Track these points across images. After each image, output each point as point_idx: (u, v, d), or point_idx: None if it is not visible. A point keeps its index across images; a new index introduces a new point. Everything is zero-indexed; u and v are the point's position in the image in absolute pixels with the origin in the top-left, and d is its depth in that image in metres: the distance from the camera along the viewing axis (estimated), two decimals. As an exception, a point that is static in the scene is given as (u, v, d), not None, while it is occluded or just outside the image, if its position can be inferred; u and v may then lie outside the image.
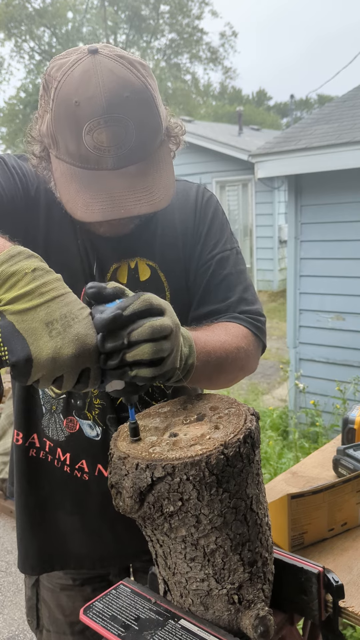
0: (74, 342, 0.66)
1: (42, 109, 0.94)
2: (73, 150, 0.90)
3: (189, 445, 0.75)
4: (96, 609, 0.84)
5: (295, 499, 1.07)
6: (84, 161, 0.90)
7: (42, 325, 0.65)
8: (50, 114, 0.91)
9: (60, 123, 0.90)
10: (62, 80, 0.89)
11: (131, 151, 0.91)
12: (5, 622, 2.68)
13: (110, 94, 0.88)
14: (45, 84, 0.93)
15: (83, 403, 1.11)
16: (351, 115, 4.57)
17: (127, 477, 0.73)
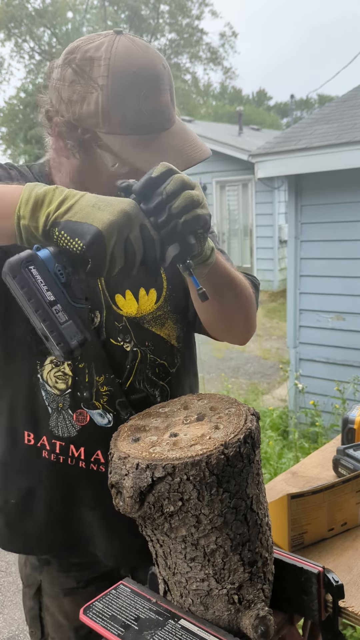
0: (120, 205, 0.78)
1: (78, 94, 0.97)
2: (131, 119, 0.97)
3: (189, 445, 0.75)
4: (96, 609, 0.84)
5: (295, 499, 1.07)
6: (141, 127, 0.98)
7: (90, 208, 0.78)
8: (101, 91, 0.96)
9: (118, 96, 0.96)
10: (112, 57, 0.96)
11: (171, 112, 1.02)
12: (5, 622, 2.68)
13: (154, 63, 0.99)
14: (78, 69, 0.97)
15: (90, 393, 1.11)
16: (351, 115, 4.57)
17: (127, 477, 0.73)
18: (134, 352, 1.12)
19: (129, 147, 0.98)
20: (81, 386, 1.11)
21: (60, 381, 1.11)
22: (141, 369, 1.13)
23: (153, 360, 1.14)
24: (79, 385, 1.11)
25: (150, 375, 1.15)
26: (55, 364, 1.10)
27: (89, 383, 1.11)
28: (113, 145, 0.98)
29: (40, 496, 1.17)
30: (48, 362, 1.10)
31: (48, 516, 1.18)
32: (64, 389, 1.11)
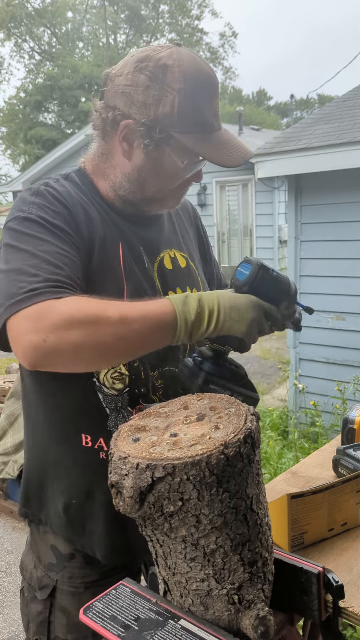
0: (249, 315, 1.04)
1: (152, 97, 1.07)
2: (200, 120, 1.09)
3: (189, 445, 0.75)
4: (96, 609, 0.84)
5: (295, 499, 1.07)
6: (206, 127, 1.11)
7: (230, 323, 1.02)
8: (177, 94, 1.06)
9: (191, 99, 1.07)
10: (183, 64, 1.08)
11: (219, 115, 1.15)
12: (5, 622, 2.68)
13: (211, 71, 1.12)
14: (152, 75, 1.07)
15: (146, 389, 1.18)
16: (351, 115, 4.57)
17: (127, 477, 0.73)
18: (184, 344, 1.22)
19: (200, 144, 1.10)
20: (138, 383, 1.17)
21: (118, 381, 1.16)
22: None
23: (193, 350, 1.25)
24: (136, 382, 1.17)
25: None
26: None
27: (145, 379, 1.17)
28: (187, 142, 1.09)
29: (99, 497, 1.19)
30: None
31: (106, 517, 1.19)
32: (121, 388, 1.16)
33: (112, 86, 1.12)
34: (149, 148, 1.11)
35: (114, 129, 1.12)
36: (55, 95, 24.96)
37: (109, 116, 1.12)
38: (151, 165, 1.13)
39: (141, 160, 1.13)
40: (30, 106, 25.23)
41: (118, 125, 1.11)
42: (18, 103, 26.22)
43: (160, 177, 1.15)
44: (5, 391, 4.10)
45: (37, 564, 1.28)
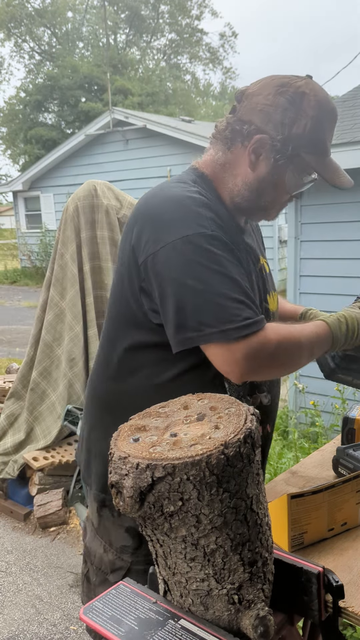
0: None
1: (289, 118, 1.22)
2: (322, 144, 1.25)
3: (190, 445, 0.75)
4: (96, 609, 0.84)
5: (295, 499, 1.07)
6: (325, 151, 1.26)
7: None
8: (309, 120, 1.21)
9: (320, 125, 1.23)
10: (318, 95, 1.23)
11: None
12: (5, 622, 2.68)
13: (334, 104, 1.27)
14: (291, 100, 1.21)
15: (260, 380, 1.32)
16: (351, 115, 4.57)
17: (127, 477, 0.73)
18: None
19: (321, 165, 1.25)
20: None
21: None
22: None
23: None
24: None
25: None
26: None
27: None
28: (310, 162, 1.24)
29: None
30: None
31: None
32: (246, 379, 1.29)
33: (249, 103, 1.24)
34: (278, 162, 1.24)
35: (246, 141, 1.25)
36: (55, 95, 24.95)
37: (243, 129, 1.24)
38: (272, 178, 1.26)
39: (265, 172, 1.26)
40: (30, 106, 25.22)
41: (250, 138, 1.23)
42: (18, 103, 26.21)
43: (276, 189, 1.28)
44: (5, 391, 4.10)
45: (107, 549, 1.34)
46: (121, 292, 1.28)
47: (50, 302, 3.53)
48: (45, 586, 2.93)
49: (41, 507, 3.40)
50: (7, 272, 16.09)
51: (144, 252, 1.17)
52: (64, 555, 3.16)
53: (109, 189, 3.58)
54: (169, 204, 1.18)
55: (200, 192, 1.22)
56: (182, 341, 1.14)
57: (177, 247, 1.12)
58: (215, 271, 1.12)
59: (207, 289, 1.11)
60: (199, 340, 1.13)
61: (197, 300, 1.11)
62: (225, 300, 1.11)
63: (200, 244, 1.13)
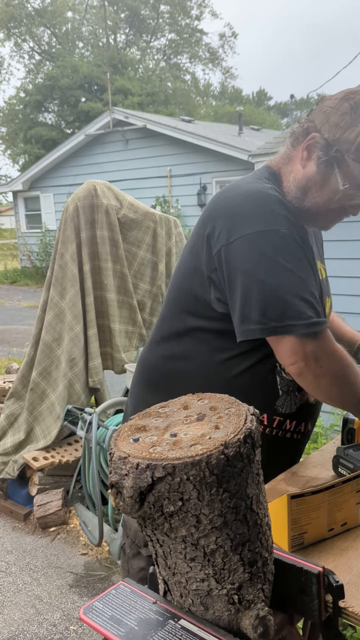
0: None
1: (345, 122, 1.23)
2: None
3: (190, 445, 0.75)
4: (96, 609, 0.84)
5: (295, 499, 1.07)
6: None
7: None
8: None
9: None
10: None
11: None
12: (5, 622, 2.68)
13: None
14: (354, 106, 1.23)
15: None
16: (351, 115, 4.57)
17: (127, 477, 0.73)
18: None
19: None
20: None
21: None
22: None
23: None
24: None
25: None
26: None
27: None
28: (354, 169, 1.23)
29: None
30: None
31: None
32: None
33: (320, 106, 1.29)
34: (321, 160, 1.25)
35: (304, 137, 1.28)
36: (55, 95, 24.96)
37: (305, 127, 1.29)
38: (318, 178, 1.27)
39: (312, 171, 1.27)
40: (30, 106, 25.22)
41: (307, 135, 1.27)
42: (18, 103, 26.21)
43: (322, 191, 1.28)
44: (5, 391, 4.10)
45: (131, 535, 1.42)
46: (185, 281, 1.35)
47: (50, 302, 3.53)
48: (45, 586, 2.93)
49: (41, 507, 3.40)
50: (7, 272, 16.09)
51: (218, 242, 1.22)
52: (64, 555, 3.16)
53: (109, 189, 3.58)
54: (247, 198, 1.25)
55: (274, 188, 1.29)
56: (245, 332, 1.20)
57: (252, 240, 1.18)
58: (286, 269, 1.18)
59: (276, 284, 1.17)
60: (262, 332, 1.19)
61: (265, 295, 1.17)
62: (293, 297, 1.16)
63: (275, 240, 1.19)
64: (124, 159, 12.96)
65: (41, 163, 14.39)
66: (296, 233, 1.25)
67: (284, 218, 1.22)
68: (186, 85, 29.96)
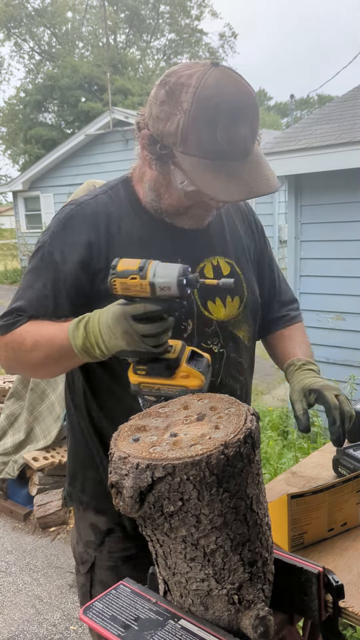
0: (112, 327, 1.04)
1: (164, 113, 1.08)
2: (206, 145, 1.06)
3: (190, 445, 0.75)
4: (96, 609, 0.84)
5: (295, 499, 1.07)
6: (215, 154, 1.06)
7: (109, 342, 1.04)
8: (184, 115, 1.05)
9: (197, 122, 1.05)
10: (200, 86, 1.05)
11: (249, 144, 1.09)
12: (5, 622, 2.68)
13: (240, 98, 1.06)
14: (169, 91, 1.07)
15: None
16: (351, 115, 4.57)
17: (127, 477, 0.73)
18: (221, 353, 1.27)
19: (198, 169, 1.07)
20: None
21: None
22: (226, 367, 1.28)
23: (234, 358, 1.30)
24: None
25: (233, 373, 1.30)
26: None
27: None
28: (184, 165, 1.08)
29: None
30: None
31: None
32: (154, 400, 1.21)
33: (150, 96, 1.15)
34: (153, 159, 1.13)
35: (139, 135, 1.16)
36: (55, 95, 24.95)
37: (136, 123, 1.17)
38: (161, 178, 1.16)
39: (155, 171, 1.16)
40: (30, 106, 25.21)
41: (140, 132, 1.15)
42: (18, 103, 26.20)
43: (170, 191, 1.16)
44: (5, 391, 4.10)
45: (79, 540, 1.39)
46: None
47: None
48: (45, 586, 2.92)
49: (41, 507, 3.40)
50: (7, 272, 16.09)
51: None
52: (64, 555, 3.16)
53: (109, 189, 3.57)
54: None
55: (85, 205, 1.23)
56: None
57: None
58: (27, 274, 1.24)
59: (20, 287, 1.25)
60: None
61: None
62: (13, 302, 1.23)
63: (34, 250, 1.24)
64: (124, 159, 12.93)
65: (41, 163, 14.38)
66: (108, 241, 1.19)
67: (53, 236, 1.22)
68: (186, 85, 29.92)
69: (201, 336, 1.24)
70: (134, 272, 0.97)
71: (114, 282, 0.99)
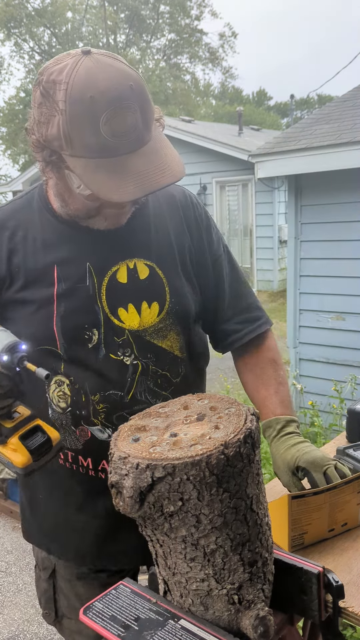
0: None
1: (44, 116, 0.99)
2: (92, 143, 0.96)
3: (190, 445, 0.75)
4: (96, 609, 0.84)
5: (296, 499, 1.07)
6: (104, 151, 0.96)
7: None
8: (62, 115, 0.96)
9: (76, 120, 0.95)
10: (70, 81, 0.95)
11: (141, 133, 0.99)
12: (5, 622, 2.67)
13: (118, 84, 0.95)
14: (44, 92, 0.98)
15: (87, 412, 1.15)
16: (351, 115, 4.57)
17: (127, 477, 0.73)
18: (134, 365, 1.15)
19: (90, 171, 0.97)
20: (79, 405, 1.15)
21: (62, 400, 1.16)
22: (142, 381, 1.16)
23: (155, 371, 1.17)
24: (77, 404, 1.15)
25: (152, 387, 1.17)
26: (58, 384, 1.15)
27: (85, 402, 1.14)
28: (75, 168, 0.99)
29: (59, 497, 1.23)
30: (53, 382, 1.16)
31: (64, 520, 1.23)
32: (65, 407, 1.16)
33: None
34: (46, 168, 1.05)
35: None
36: (55, 96, 24.94)
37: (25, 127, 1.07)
38: (61, 185, 1.07)
39: (54, 178, 1.07)
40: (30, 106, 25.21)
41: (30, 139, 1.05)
42: (18, 103, 26.20)
43: (73, 197, 1.07)
44: (5, 391, 4.10)
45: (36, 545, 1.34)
46: None
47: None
48: (45, 586, 2.92)
49: (41, 507, 3.40)
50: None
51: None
52: (64, 555, 3.17)
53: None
54: None
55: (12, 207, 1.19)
56: None
57: None
58: None
59: None
60: None
61: None
62: None
63: None
64: (124, 159, 12.94)
65: (41, 163, 14.39)
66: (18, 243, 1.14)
67: None
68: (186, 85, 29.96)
69: (109, 347, 1.13)
70: None
71: None
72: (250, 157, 4.79)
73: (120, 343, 1.14)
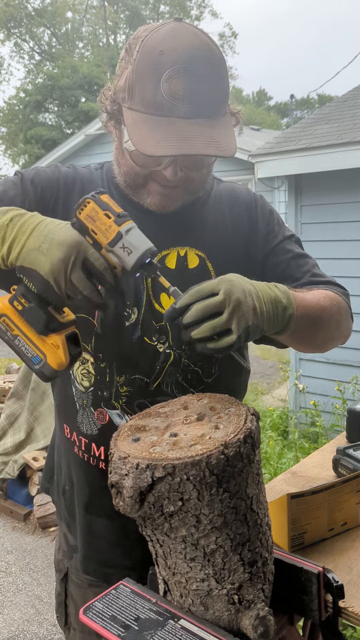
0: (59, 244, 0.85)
1: (120, 69, 1.01)
2: (148, 98, 0.95)
3: (189, 445, 0.75)
4: (96, 609, 0.84)
5: (295, 498, 1.07)
6: (158, 108, 0.95)
7: (35, 252, 0.86)
8: (132, 66, 0.96)
9: (141, 72, 0.95)
10: (149, 36, 0.96)
11: (201, 105, 0.96)
12: (5, 622, 2.68)
13: (192, 49, 0.94)
14: (128, 47, 1.00)
15: (110, 393, 1.11)
16: (351, 115, 4.57)
17: (127, 477, 0.73)
18: (167, 354, 1.10)
19: (137, 124, 0.96)
20: (102, 385, 1.11)
21: (85, 379, 1.13)
22: (171, 372, 1.11)
23: (187, 365, 1.12)
24: (100, 384, 1.11)
25: (180, 380, 1.12)
26: (82, 362, 1.12)
27: (109, 382, 1.11)
28: (126, 120, 0.98)
29: (77, 491, 1.21)
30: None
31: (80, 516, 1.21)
32: (87, 386, 1.13)
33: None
34: (108, 123, 1.05)
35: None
36: (55, 95, 24.96)
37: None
38: (117, 143, 1.06)
39: (114, 135, 1.06)
40: (30, 106, 25.22)
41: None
42: (18, 103, 26.21)
43: (124, 157, 1.04)
44: (5, 391, 4.10)
45: (60, 547, 1.33)
46: None
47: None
48: (45, 586, 2.92)
49: (41, 507, 3.40)
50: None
51: None
52: (64, 555, 3.17)
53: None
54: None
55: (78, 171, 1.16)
56: None
57: None
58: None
59: None
60: None
61: None
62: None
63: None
64: (124, 159, 12.96)
65: (41, 163, 14.39)
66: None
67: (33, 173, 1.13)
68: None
69: (146, 329, 1.09)
70: (112, 212, 0.87)
71: (86, 203, 0.87)
72: (250, 157, 4.79)
73: (157, 328, 1.10)
